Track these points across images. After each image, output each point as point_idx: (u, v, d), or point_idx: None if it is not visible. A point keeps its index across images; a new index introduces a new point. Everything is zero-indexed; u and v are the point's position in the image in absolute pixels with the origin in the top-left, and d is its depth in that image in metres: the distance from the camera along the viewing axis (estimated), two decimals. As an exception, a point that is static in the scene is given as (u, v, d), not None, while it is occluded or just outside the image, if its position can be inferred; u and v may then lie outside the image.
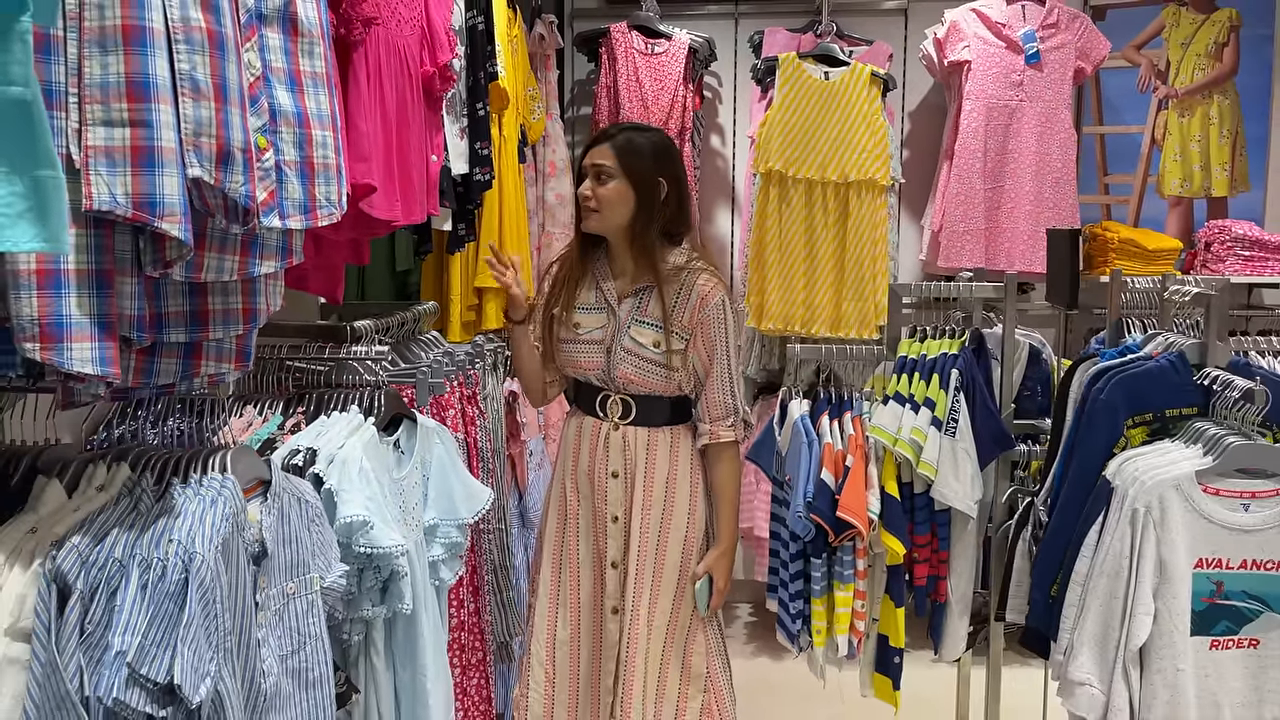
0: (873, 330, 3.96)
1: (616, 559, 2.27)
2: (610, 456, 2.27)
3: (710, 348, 2.23)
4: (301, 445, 1.85)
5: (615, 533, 2.27)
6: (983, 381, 2.39)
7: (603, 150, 2.21)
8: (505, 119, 3.23)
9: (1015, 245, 3.97)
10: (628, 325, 2.24)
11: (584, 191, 2.22)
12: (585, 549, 2.30)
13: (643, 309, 2.25)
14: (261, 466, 1.45)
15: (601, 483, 2.28)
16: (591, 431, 2.29)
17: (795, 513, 2.30)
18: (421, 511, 2.14)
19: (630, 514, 2.26)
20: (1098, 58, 3.98)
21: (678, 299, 2.22)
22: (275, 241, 1.35)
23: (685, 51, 4.12)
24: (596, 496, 2.29)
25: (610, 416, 2.28)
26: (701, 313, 2.21)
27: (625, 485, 2.26)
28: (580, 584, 2.31)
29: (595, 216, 2.22)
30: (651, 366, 2.23)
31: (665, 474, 2.26)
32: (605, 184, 2.20)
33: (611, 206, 2.20)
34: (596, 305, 2.29)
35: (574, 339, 2.29)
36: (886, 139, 3.94)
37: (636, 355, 2.23)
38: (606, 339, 2.26)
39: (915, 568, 2.40)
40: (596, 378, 2.28)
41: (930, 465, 2.29)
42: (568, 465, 2.33)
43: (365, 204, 1.93)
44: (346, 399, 2.04)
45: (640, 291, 2.26)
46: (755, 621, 4.50)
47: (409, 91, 2.09)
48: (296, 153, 1.35)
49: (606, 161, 2.20)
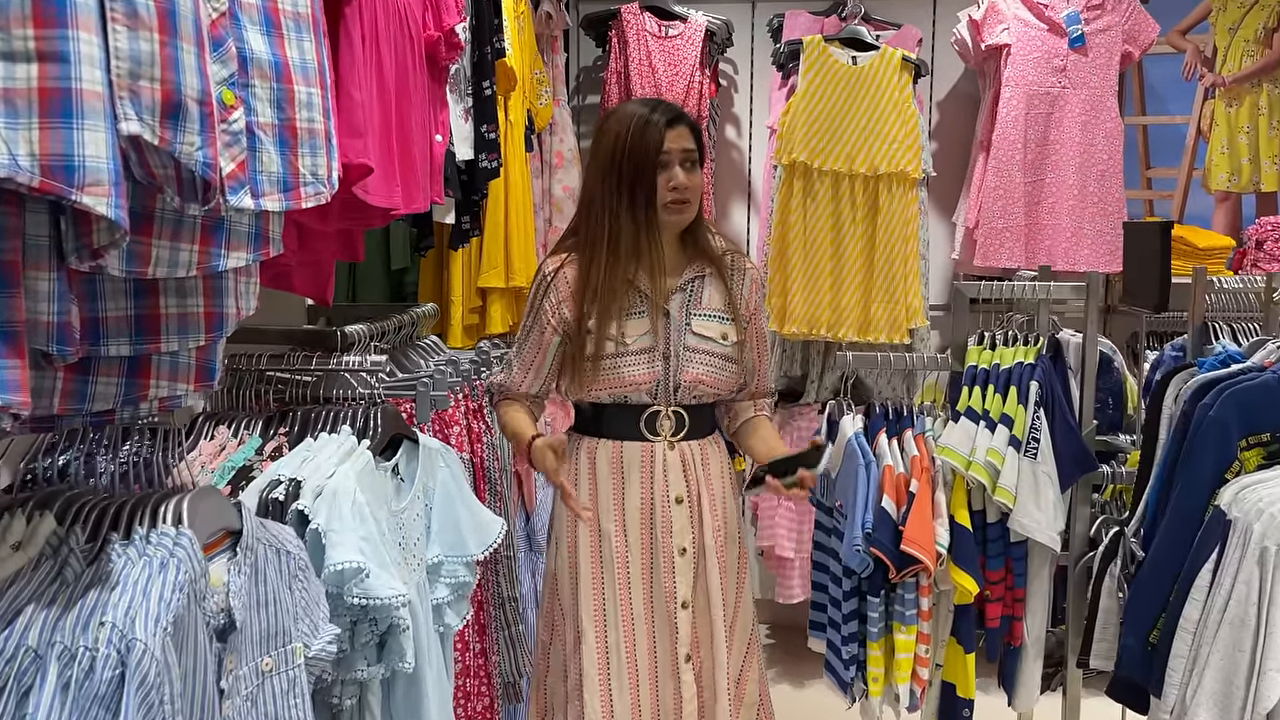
0: (904, 334, 3.69)
1: (688, 597, 1.98)
2: (671, 480, 1.98)
3: (761, 334, 2.10)
4: (283, 475, 1.55)
5: (684, 568, 1.98)
6: (1062, 394, 2.10)
7: (685, 133, 1.94)
8: (512, 102, 2.94)
9: (1057, 242, 3.70)
10: (686, 321, 1.99)
11: (682, 180, 1.92)
12: (642, 595, 1.98)
13: (697, 301, 2.01)
14: (229, 512, 1.15)
15: (665, 513, 1.98)
16: (641, 457, 1.98)
17: (852, 545, 2.01)
18: (424, 548, 1.84)
19: (700, 543, 1.99)
20: (1146, 41, 3.70)
21: (732, 282, 2.04)
22: (247, 227, 1.05)
23: (702, 34, 3.83)
24: (660, 529, 1.98)
25: (664, 434, 1.99)
26: (755, 296, 2.08)
27: (692, 510, 1.99)
28: (637, 638, 1.98)
29: (689, 209, 1.96)
30: (723, 363, 2.00)
31: (723, 491, 2.05)
32: (695, 170, 1.95)
33: (698, 195, 1.98)
34: (635, 309, 1.98)
35: (620, 352, 1.97)
36: (918, 128, 3.66)
37: (706, 353, 1.99)
38: (660, 344, 1.98)
39: (987, 607, 2.10)
40: (648, 391, 1.98)
41: (1008, 491, 2.00)
42: (607, 503, 2.00)
43: (360, 188, 1.64)
44: (337, 417, 1.74)
45: (689, 284, 2.01)
46: (774, 644, 4.24)
47: (410, 58, 1.79)
48: (274, 113, 1.05)
49: (692, 145, 1.95)
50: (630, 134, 1.91)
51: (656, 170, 1.91)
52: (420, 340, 2.68)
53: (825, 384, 3.88)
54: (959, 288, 2.20)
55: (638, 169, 1.91)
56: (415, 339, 2.65)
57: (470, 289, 2.92)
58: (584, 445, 2.05)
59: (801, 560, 3.86)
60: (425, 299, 2.93)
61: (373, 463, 1.65)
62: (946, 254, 4.14)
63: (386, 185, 1.70)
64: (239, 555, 1.11)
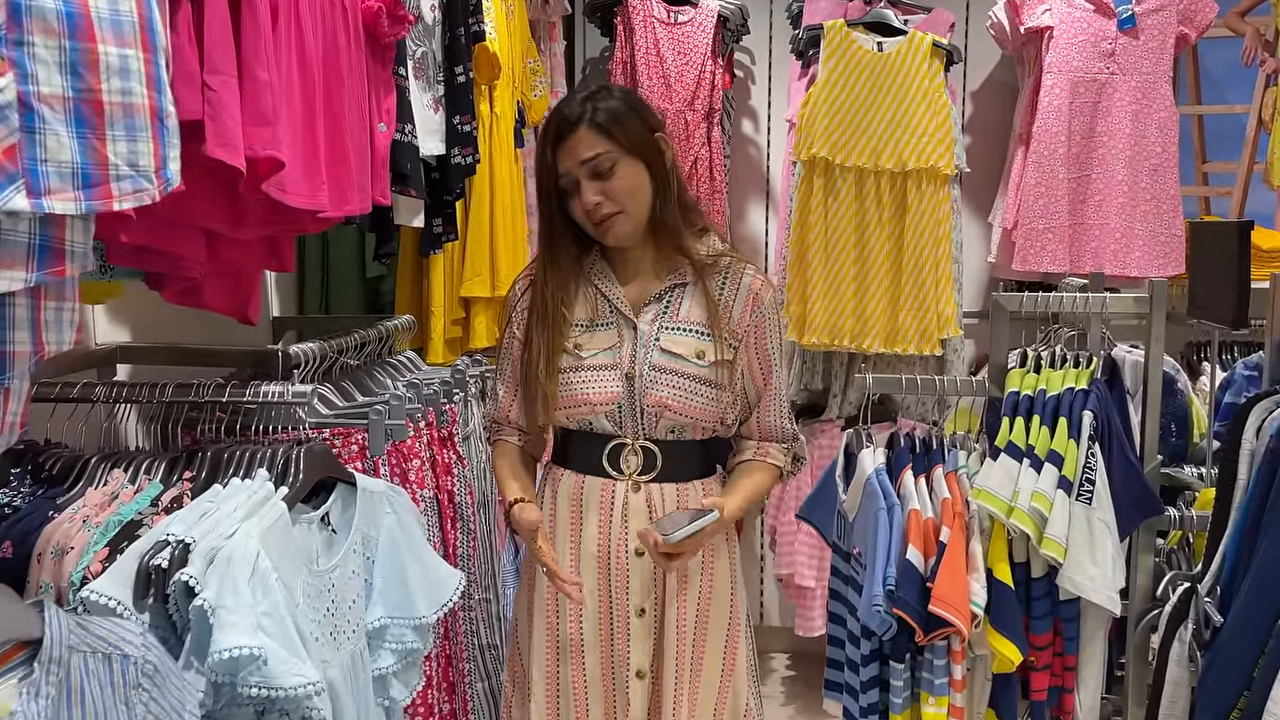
0: (935, 345, 3.37)
1: (643, 667, 1.70)
2: (632, 527, 1.69)
3: (765, 359, 1.75)
4: (172, 534, 1.27)
5: (641, 631, 1.70)
6: (1120, 425, 1.78)
7: (583, 137, 1.64)
8: (499, 93, 2.66)
9: (1104, 244, 3.37)
10: (655, 335, 1.70)
11: (591, 199, 1.64)
12: (595, 657, 1.71)
13: (673, 313, 1.72)
14: (22, 617, 0.87)
15: (620, 564, 1.70)
16: (600, 496, 1.70)
17: (871, 603, 1.70)
18: (363, 609, 1.56)
19: (663, 605, 1.71)
20: (1203, 23, 3.36)
21: (722, 293, 1.72)
22: (26, 237, 0.77)
23: (714, 20, 3.54)
24: (615, 584, 1.70)
25: (628, 472, 1.71)
26: (755, 313, 1.73)
27: (654, 565, 1.69)
28: (590, 708, 1.71)
29: (621, 219, 1.67)
30: (696, 386, 1.69)
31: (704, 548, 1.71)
32: (612, 175, 1.65)
33: (632, 197, 1.67)
34: (602, 320, 1.73)
35: (575, 365, 1.71)
36: (950, 120, 3.35)
37: (674, 373, 1.69)
38: (623, 360, 1.70)
39: (1032, 676, 1.79)
40: (609, 416, 1.70)
41: (1057, 543, 1.69)
42: (563, 546, 1.72)
43: (274, 186, 1.36)
44: (253, 459, 1.47)
45: (668, 293, 1.73)
46: (794, 676, 3.95)
47: (342, 33, 1.52)
48: (66, 81, 0.78)
49: (597, 149, 1.64)
50: (537, 154, 1.68)
51: (564, 198, 1.67)
52: (396, 356, 2.41)
53: (849, 398, 3.57)
54: (998, 300, 1.89)
55: (548, 197, 1.68)
56: (388, 355, 2.39)
57: (452, 299, 2.65)
58: (549, 476, 1.80)
59: (823, 589, 3.54)
60: (403, 310, 2.66)
61: (287, 517, 1.37)
62: (981, 257, 3.83)
63: (309, 183, 1.43)
64: (37, 673, 0.84)
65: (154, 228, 1.29)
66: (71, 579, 1.29)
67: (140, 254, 1.34)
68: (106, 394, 1.48)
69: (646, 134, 1.68)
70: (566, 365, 1.71)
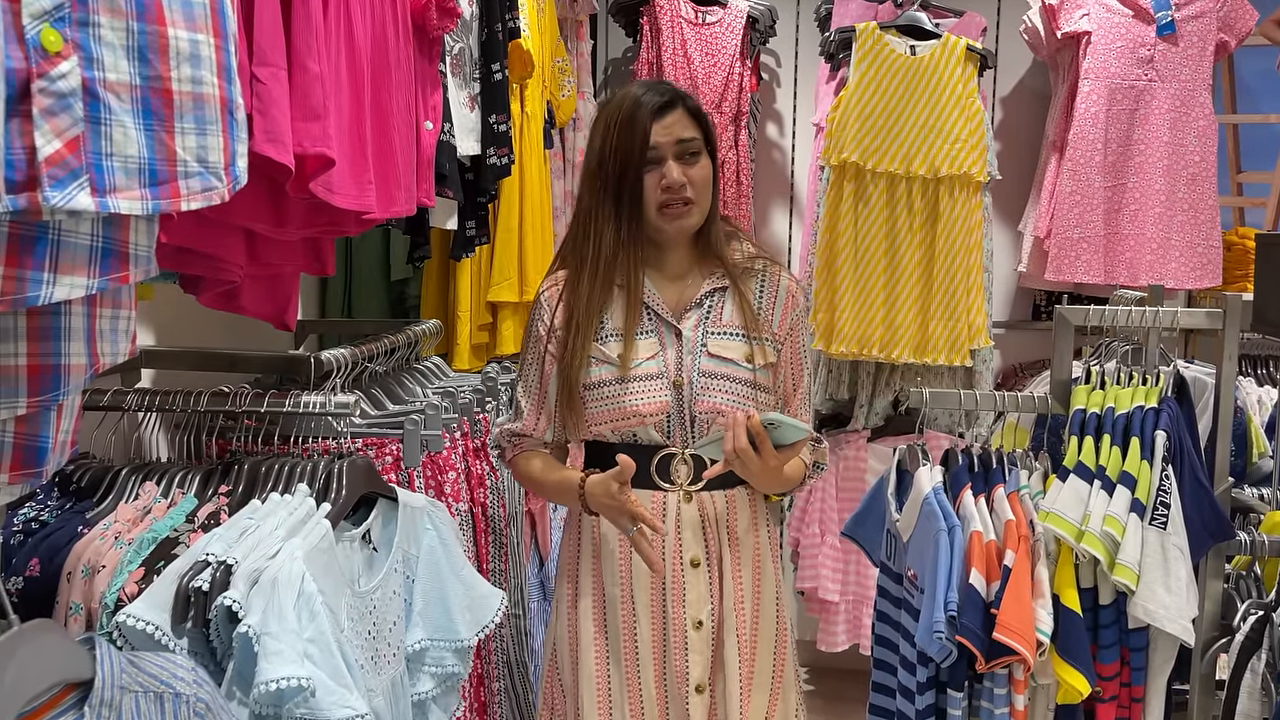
0: (965, 356, 3.30)
1: (702, 681, 1.63)
2: (686, 539, 1.64)
3: (798, 362, 1.75)
4: (212, 554, 1.20)
5: (700, 644, 1.64)
6: (1191, 445, 1.71)
7: (681, 118, 1.61)
8: (529, 92, 2.59)
9: (1140, 254, 3.29)
10: (702, 341, 1.66)
11: (679, 178, 1.59)
12: (654, 675, 1.64)
13: (716, 318, 1.68)
14: (73, 656, 0.79)
15: (677, 577, 1.64)
16: (650, 509, 1.62)
17: (932, 629, 1.63)
18: (403, 631, 1.49)
19: (720, 615, 1.66)
20: (1243, 30, 3.29)
21: (762, 296, 1.71)
22: (90, 239, 0.69)
23: (743, 21, 3.47)
24: (670, 598, 1.64)
25: (679, 483, 1.64)
26: (792, 314, 1.73)
27: (710, 575, 1.65)
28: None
29: (693, 210, 1.64)
30: (746, 390, 1.65)
31: (753, 552, 1.70)
32: (696, 163, 1.62)
33: (707, 193, 1.65)
34: (642, 328, 1.66)
35: (620, 376, 1.63)
36: (983, 126, 3.27)
37: (725, 378, 1.64)
38: (669, 368, 1.64)
39: (1098, 708, 1.71)
40: (657, 427, 1.64)
41: (1130, 570, 1.61)
42: (612, 565, 1.65)
43: (320, 186, 1.28)
44: (292, 472, 1.39)
45: (708, 298, 1.69)
46: (812, 690, 3.87)
47: (391, 25, 1.44)
48: (134, 68, 0.70)
49: (691, 133, 1.62)
50: (617, 126, 1.60)
51: (643, 170, 1.60)
52: (421, 362, 2.33)
53: (876, 409, 3.50)
54: (1062, 313, 1.81)
55: (622, 169, 1.59)
56: (414, 361, 2.31)
57: (480, 303, 2.57)
58: None
59: (847, 605, 3.48)
60: (429, 314, 2.59)
61: (331, 535, 1.30)
62: (1010, 266, 3.76)
63: (356, 183, 1.35)
64: (87, 717, 0.76)
65: (194, 227, 1.22)
66: (104, 600, 1.21)
67: (179, 255, 1.26)
68: (139, 402, 1.40)
69: (713, 136, 1.68)
70: (609, 377, 1.64)
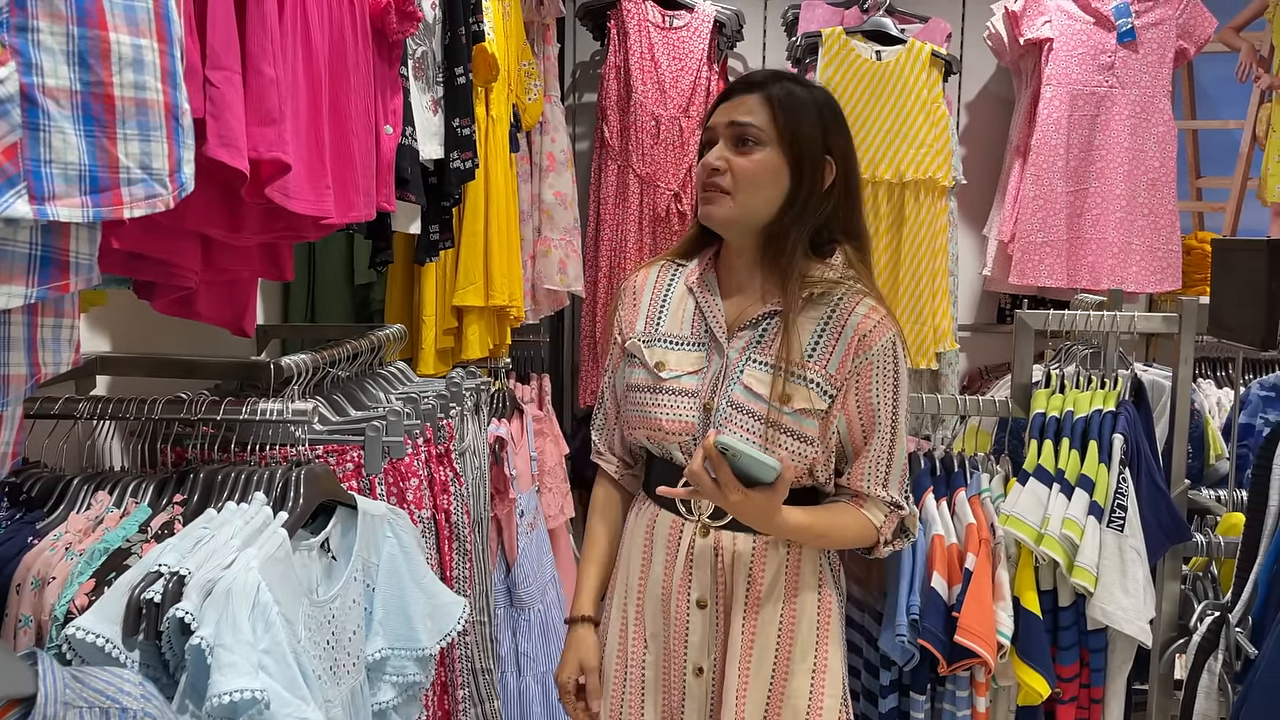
0: (931, 359, 3.33)
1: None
2: (695, 576, 1.51)
3: (867, 413, 1.48)
4: (165, 564, 1.18)
5: (697, 691, 1.53)
6: (1148, 448, 1.73)
7: (750, 102, 1.46)
8: (495, 95, 2.57)
9: (1102, 258, 3.34)
10: (740, 368, 1.49)
11: (714, 161, 1.46)
12: (654, 713, 1.55)
13: (766, 344, 1.48)
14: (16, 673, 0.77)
15: (680, 614, 1.52)
16: (667, 535, 1.53)
17: (895, 633, 1.63)
18: (363, 641, 1.47)
19: (723, 667, 1.52)
20: (1202, 37, 3.34)
21: (824, 330, 1.47)
22: (28, 247, 0.68)
23: (710, 25, 3.48)
24: (672, 635, 1.53)
25: (698, 514, 1.53)
26: (861, 357, 1.47)
27: (714, 621, 1.52)
28: None
29: (725, 201, 1.47)
30: (773, 434, 1.45)
31: (779, 609, 1.51)
32: (750, 152, 1.46)
33: (753, 187, 1.46)
34: (692, 338, 1.54)
35: (654, 385, 1.53)
36: (948, 131, 3.31)
37: (750, 414, 1.46)
38: (704, 389, 1.51)
39: (1058, 709, 1.73)
40: (683, 448, 1.52)
41: (1088, 572, 1.62)
42: (632, 581, 1.58)
43: (277, 191, 1.27)
44: (248, 480, 1.37)
45: (765, 319, 1.50)
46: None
47: (349, 29, 1.43)
48: (75, 73, 0.69)
49: (755, 119, 1.45)
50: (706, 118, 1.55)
51: (702, 152, 1.51)
52: (385, 367, 2.31)
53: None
54: (1022, 317, 1.83)
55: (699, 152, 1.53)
56: (378, 366, 2.29)
57: (445, 307, 2.55)
58: (636, 502, 1.66)
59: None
60: (393, 318, 2.57)
61: (288, 544, 1.28)
62: (975, 270, 3.79)
63: (313, 187, 1.34)
64: (28, 736, 0.75)
65: (148, 233, 1.20)
66: (54, 612, 1.19)
67: (132, 261, 1.24)
68: (92, 410, 1.38)
69: (817, 143, 1.48)
70: (645, 383, 1.55)
